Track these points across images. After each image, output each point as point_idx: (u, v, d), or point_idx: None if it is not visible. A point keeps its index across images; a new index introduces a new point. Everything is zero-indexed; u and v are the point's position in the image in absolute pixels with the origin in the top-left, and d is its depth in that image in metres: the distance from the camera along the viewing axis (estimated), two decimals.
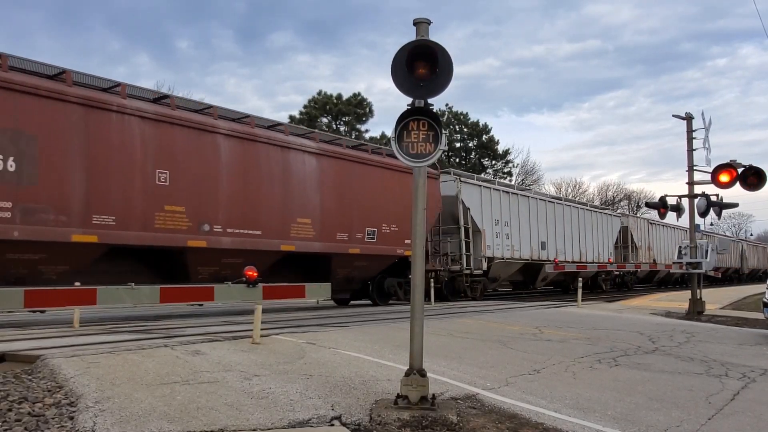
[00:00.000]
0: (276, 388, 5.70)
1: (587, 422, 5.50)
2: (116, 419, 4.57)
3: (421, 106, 5.51)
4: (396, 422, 5.06)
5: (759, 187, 15.01)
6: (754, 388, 7.27)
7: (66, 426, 4.51)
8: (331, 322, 11.61)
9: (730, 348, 10.37)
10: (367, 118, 47.02)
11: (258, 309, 8.28)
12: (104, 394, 5.09)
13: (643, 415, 5.82)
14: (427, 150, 5.44)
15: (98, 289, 10.93)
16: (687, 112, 17.67)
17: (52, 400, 5.02)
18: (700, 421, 5.74)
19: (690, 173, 17.37)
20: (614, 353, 9.11)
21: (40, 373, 5.80)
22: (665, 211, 18.43)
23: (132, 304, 11.50)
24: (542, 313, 15.29)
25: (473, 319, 12.94)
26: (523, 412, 5.67)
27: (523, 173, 58.64)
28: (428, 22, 5.54)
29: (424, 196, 5.79)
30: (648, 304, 20.58)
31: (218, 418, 4.80)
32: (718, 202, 17.09)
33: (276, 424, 4.82)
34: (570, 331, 11.46)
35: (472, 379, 6.81)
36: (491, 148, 54.28)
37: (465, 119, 53.76)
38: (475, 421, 5.35)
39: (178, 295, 12.70)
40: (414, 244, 5.70)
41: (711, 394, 6.78)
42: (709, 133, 17.02)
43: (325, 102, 45.59)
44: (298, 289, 14.99)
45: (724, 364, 8.69)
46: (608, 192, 71.90)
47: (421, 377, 5.40)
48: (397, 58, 5.34)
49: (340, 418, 5.10)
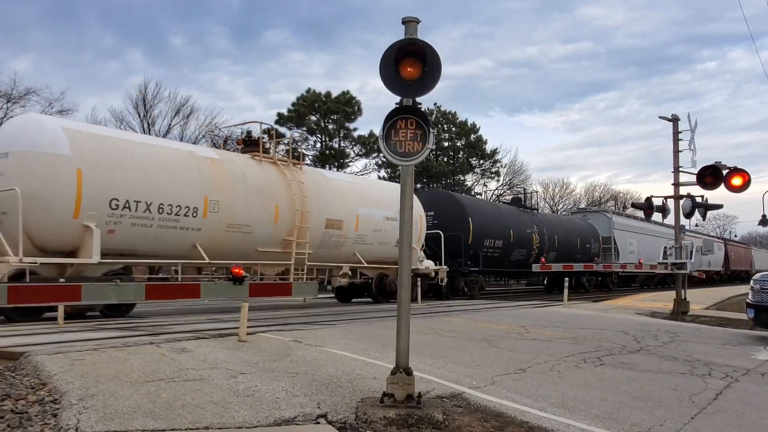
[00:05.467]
0: (262, 386, 5.69)
1: (572, 421, 5.53)
2: (100, 416, 4.54)
3: (410, 104, 5.51)
4: (382, 420, 5.06)
5: (743, 189, 15.15)
6: (736, 387, 7.34)
7: (49, 423, 4.47)
8: (319, 321, 11.60)
9: (713, 348, 10.47)
10: (355, 117, 46.91)
11: (244, 306, 8.25)
12: (88, 392, 5.05)
13: (627, 414, 5.87)
14: (415, 149, 5.43)
15: (83, 285, 10.86)
16: (673, 114, 17.81)
17: (36, 398, 4.98)
18: (683, 420, 5.79)
19: (676, 174, 17.49)
20: (599, 353, 9.16)
21: (23, 370, 5.75)
22: (651, 212, 18.58)
23: (117, 300, 11.48)
24: (529, 313, 15.36)
25: (460, 318, 12.98)
26: (508, 410, 5.69)
27: (510, 173, 58.84)
28: (417, 21, 5.54)
29: (411, 195, 5.79)
30: (633, 304, 20.72)
31: (203, 415, 4.78)
32: (703, 203, 17.22)
33: (262, 422, 4.81)
34: (556, 331, 11.52)
35: (458, 377, 6.83)
36: (479, 148, 54.35)
37: (453, 118, 53.79)
38: (460, 419, 5.36)
39: (164, 292, 12.65)
40: (401, 243, 5.70)
41: (694, 394, 6.84)
42: (696, 135, 17.23)
43: (314, 100, 45.42)
44: (285, 287, 14.99)
45: (708, 363, 8.77)
46: (595, 193, 72.40)
47: (408, 376, 5.41)
48: (386, 56, 5.34)
49: (326, 416, 5.10)
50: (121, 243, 12.70)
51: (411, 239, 5.74)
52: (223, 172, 14.77)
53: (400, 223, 5.80)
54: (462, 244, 23.29)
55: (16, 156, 11.70)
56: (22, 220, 10.97)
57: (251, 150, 16.68)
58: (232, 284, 12.57)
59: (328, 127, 46.65)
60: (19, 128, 12.37)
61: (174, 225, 13.45)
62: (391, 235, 18.75)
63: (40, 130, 12.06)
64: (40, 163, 11.61)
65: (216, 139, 39.00)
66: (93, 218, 11.99)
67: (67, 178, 11.75)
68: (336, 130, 46.82)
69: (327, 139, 46.92)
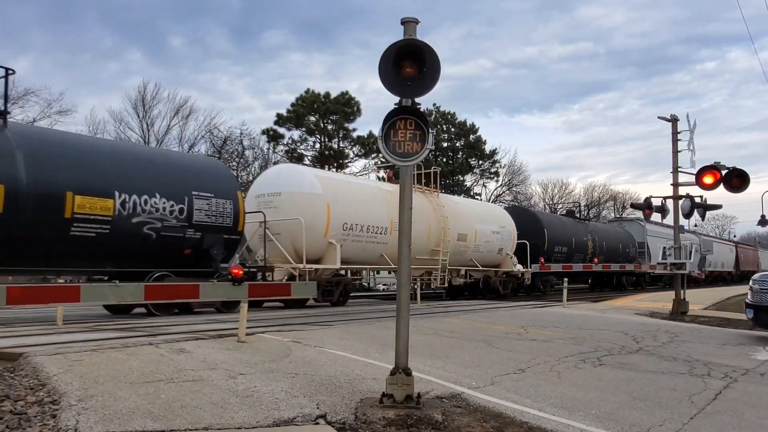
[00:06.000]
0: (261, 387, 5.69)
1: (571, 421, 5.53)
2: (99, 417, 4.53)
3: (409, 105, 5.50)
4: (381, 421, 5.06)
5: (742, 189, 15.16)
6: (736, 387, 7.35)
7: (48, 424, 4.47)
8: (318, 321, 11.59)
9: (712, 348, 10.47)
10: (355, 117, 46.85)
11: (243, 307, 8.24)
12: (87, 392, 5.05)
13: (626, 414, 5.87)
14: (414, 149, 5.43)
15: (82, 286, 10.87)
16: (672, 114, 17.83)
17: (35, 398, 4.97)
18: (682, 420, 5.79)
19: (675, 175, 17.50)
20: (599, 353, 9.17)
21: (22, 371, 5.74)
22: (650, 212, 18.59)
23: (116, 301, 11.48)
24: (528, 313, 15.36)
25: (459, 319, 12.97)
26: (507, 411, 5.69)
27: (510, 173, 58.86)
28: (416, 22, 5.54)
29: (411, 195, 5.79)
30: (633, 305, 20.74)
31: (203, 416, 4.77)
32: (702, 203, 17.23)
33: (261, 422, 4.81)
34: (555, 331, 11.52)
35: (457, 378, 6.83)
36: (478, 148, 54.34)
37: (452, 119, 53.80)
38: (460, 420, 5.36)
39: (162, 292, 12.63)
40: (400, 243, 5.70)
41: (694, 394, 6.84)
42: (696, 136, 17.24)
43: (313, 100, 45.37)
44: (284, 287, 15.00)
45: (707, 364, 8.77)
46: (594, 193, 72.35)
47: (407, 376, 5.40)
48: (385, 57, 5.33)
49: (326, 416, 5.10)
50: (346, 254, 17.59)
51: (410, 239, 5.73)
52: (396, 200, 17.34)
53: (399, 223, 5.79)
54: (540, 251, 28.64)
55: (287, 195, 16.79)
56: (292, 238, 16.20)
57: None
58: (231, 285, 12.56)
59: (327, 127, 46.60)
60: (284, 175, 17.83)
61: (372, 240, 18.67)
62: (495, 245, 24.90)
63: (301, 176, 17.70)
64: (304, 200, 16.69)
65: (215, 140, 38.64)
66: (334, 237, 17.06)
67: (321, 209, 16.88)
68: (335, 130, 46.77)
69: (326, 140, 46.89)
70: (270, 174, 18.92)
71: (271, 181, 17.57)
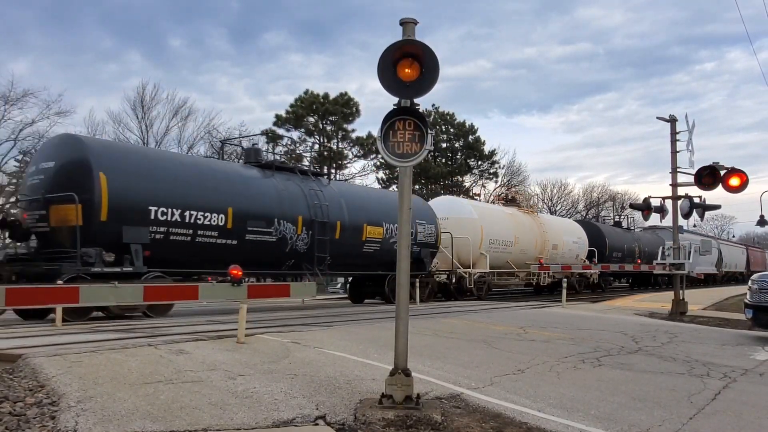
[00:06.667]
0: (260, 388, 5.69)
1: (571, 421, 5.54)
2: (98, 418, 4.53)
3: (408, 105, 5.51)
4: (381, 422, 5.06)
5: (741, 190, 15.17)
6: (735, 387, 7.35)
7: (47, 425, 4.46)
8: (317, 322, 11.59)
9: (711, 348, 10.48)
10: (353, 118, 46.86)
11: (243, 308, 8.24)
12: (86, 394, 5.05)
13: (626, 415, 5.87)
14: (413, 150, 5.43)
15: (81, 287, 10.82)
16: (671, 115, 17.82)
17: (34, 400, 4.97)
18: (681, 421, 5.79)
19: (673, 175, 17.51)
20: (598, 353, 9.17)
21: (21, 373, 5.74)
22: (649, 212, 18.59)
23: (115, 302, 11.45)
24: (527, 314, 15.37)
25: (458, 319, 12.98)
26: (507, 411, 5.69)
27: (509, 174, 58.83)
28: (415, 22, 5.54)
29: (410, 195, 5.80)
30: (632, 305, 20.75)
31: (202, 417, 4.77)
32: (700, 203, 17.24)
33: (260, 423, 4.81)
34: (554, 332, 11.53)
35: (456, 378, 6.83)
36: (477, 149, 54.27)
37: (451, 119, 53.78)
38: (459, 420, 5.36)
39: (162, 293, 12.60)
40: (399, 243, 5.70)
41: (693, 394, 6.85)
42: (694, 136, 17.21)
43: (312, 101, 45.37)
44: (283, 288, 14.96)
45: (706, 364, 8.77)
46: (593, 193, 72.32)
47: (406, 377, 5.40)
48: (384, 57, 5.34)
49: (325, 417, 5.10)
50: (491, 262, 24.59)
51: (409, 240, 5.74)
52: (516, 221, 27.89)
53: (398, 224, 5.79)
54: (603, 256, 34.45)
55: (453, 219, 23.72)
56: (455, 251, 23.26)
57: (512, 205, 30.02)
58: (230, 286, 12.54)
59: (326, 128, 46.61)
60: (448, 204, 25.44)
61: (503, 251, 26.00)
62: (574, 252, 32.22)
63: (462, 206, 25.79)
64: (467, 224, 24.03)
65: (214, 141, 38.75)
66: (484, 249, 24.26)
67: (478, 230, 24.31)
68: (334, 131, 46.77)
69: (325, 141, 46.89)
70: (438, 202, 25.83)
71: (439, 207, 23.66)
